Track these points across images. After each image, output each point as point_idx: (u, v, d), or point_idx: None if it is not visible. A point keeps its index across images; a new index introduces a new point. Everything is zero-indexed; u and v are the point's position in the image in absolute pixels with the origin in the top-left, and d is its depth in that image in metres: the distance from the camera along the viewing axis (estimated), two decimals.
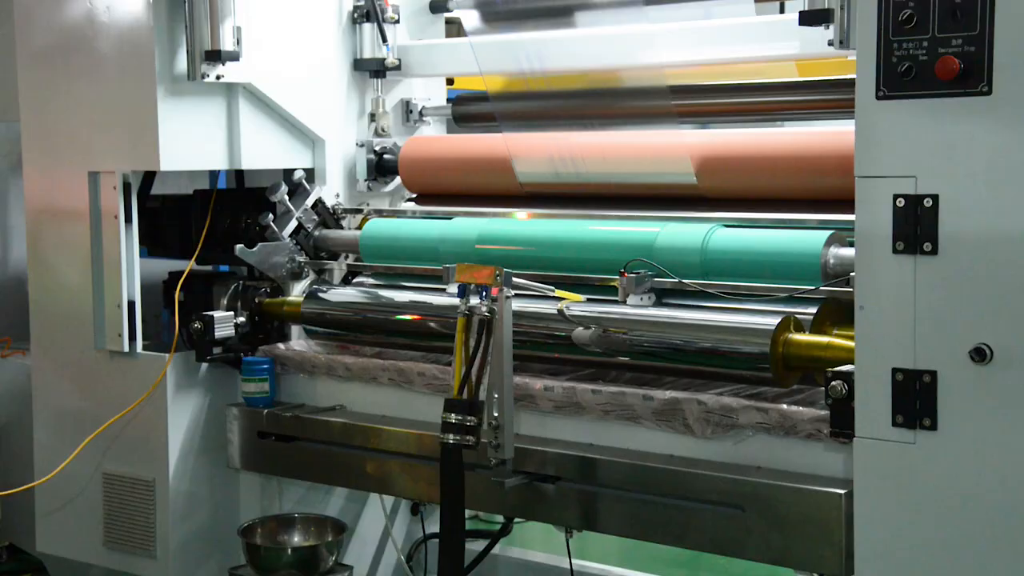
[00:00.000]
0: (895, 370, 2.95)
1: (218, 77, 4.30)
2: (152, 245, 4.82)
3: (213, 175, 4.98)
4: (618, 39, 4.19)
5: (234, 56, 4.30)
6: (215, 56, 4.25)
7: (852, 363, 3.09)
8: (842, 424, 3.10)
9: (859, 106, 2.99)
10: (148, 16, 4.25)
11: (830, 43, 3.18)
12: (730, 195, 3.96)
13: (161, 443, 4.43)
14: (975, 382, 2.86)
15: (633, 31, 4.14)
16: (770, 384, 3.49)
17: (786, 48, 3.83)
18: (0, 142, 5.64)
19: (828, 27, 3.17)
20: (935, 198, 2.88)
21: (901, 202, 2.92)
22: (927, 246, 2.89)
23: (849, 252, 3.44)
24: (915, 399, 2.93)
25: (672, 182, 4.05)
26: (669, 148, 4.04)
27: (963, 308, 2.86)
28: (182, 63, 4.30)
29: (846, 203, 3.14)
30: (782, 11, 4.42)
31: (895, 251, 2.94)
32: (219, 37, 4.26)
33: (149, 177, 4.54)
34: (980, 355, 2.84)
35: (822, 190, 3.71)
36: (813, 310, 3.49)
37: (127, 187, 4.42)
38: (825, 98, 3.88)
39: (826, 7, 3.16)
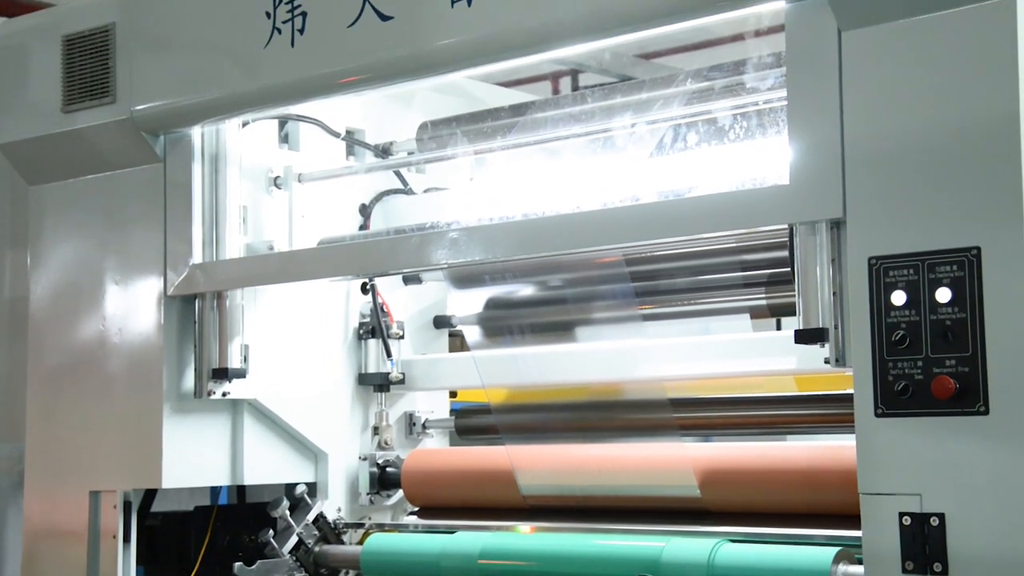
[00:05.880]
0: None
1: (224, 394, 4.36)
2: (149, 564, 4.73)
3: (215, 489, 4.95)
4: (618, 353, 4.25)
5: (241, 374, 4.37)
6: (222, 374, 4.32)
7: None
8: None
9: (859, 423, 3.00)
10: (158, 336, 4.35)
11: (826, 361, 3.21)
12: (734, 509, 3.92)
13: None
14: None
15: (633, 345, 4.21)
16: None
17: (783, 363, 3.88)
18: (2, 461, 5.65)
19: (824, 345, 3.22)
20: (942, 517, 2.85)
21: (907, 520, 2.89)
22: (937, 566, 2.84)
23: (859, 570, 3.37)
24: None
25: (676, 495, 4.02)
26: (672, 461, 4.04)
27: None
28: (189, 381, 4.36)
29: (852, 518, 3.11)
30: (779, 328, 4.51)
31: (905, 571, 2.89)
32: (227, 355, 4.34)
33: (150, 495, 4.52)
34: None
35: (827, 505, 3.68)
36: None
37: (127, 506, 4.39)
38: (825, 412, 3.91)
39: (821, 327, 3.21)
